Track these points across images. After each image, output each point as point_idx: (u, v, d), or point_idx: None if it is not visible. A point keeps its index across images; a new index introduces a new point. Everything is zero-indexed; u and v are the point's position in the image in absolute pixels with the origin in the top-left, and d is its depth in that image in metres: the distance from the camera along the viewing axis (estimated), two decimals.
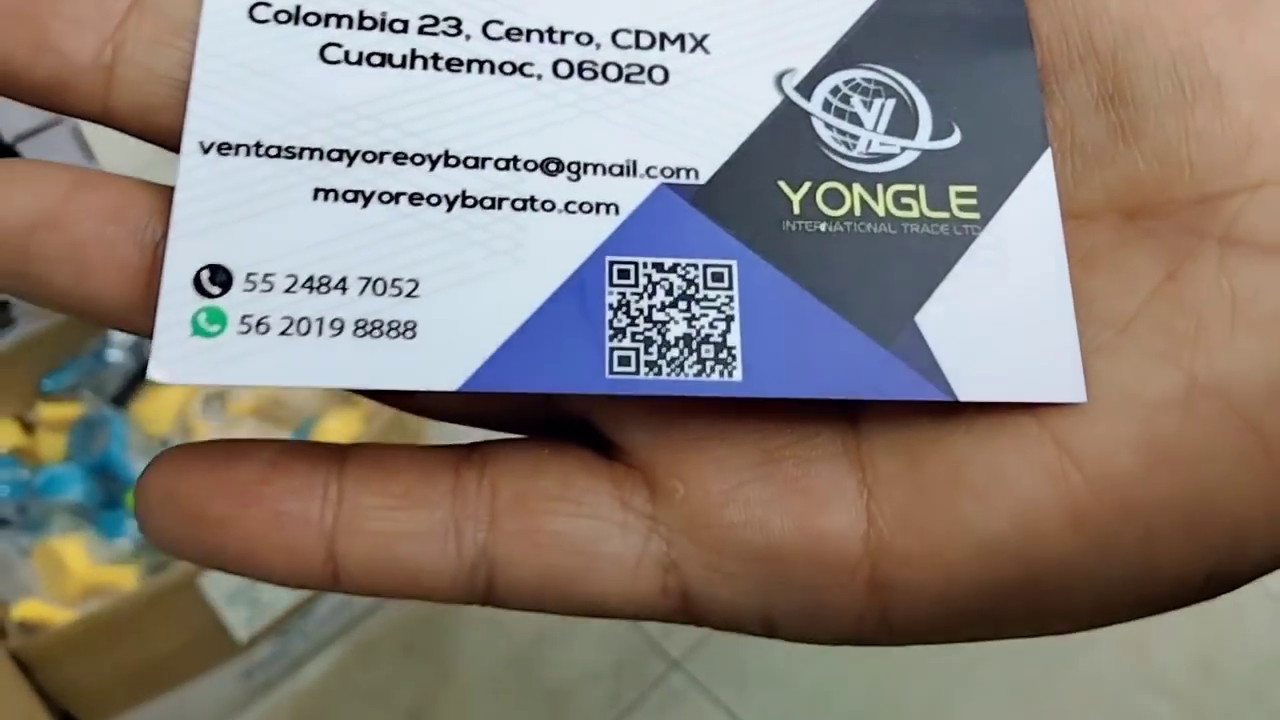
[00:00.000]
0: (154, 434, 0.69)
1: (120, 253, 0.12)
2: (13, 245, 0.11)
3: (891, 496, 0.12)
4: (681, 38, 0.13)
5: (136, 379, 0.70)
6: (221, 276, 0.12)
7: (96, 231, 0.12)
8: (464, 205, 0.12)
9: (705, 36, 0.13)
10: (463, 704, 0.74)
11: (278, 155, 0.12)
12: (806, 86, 0.13)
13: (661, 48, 0.13)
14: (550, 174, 0.13)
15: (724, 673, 0.73)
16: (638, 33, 0.13)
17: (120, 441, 0.68)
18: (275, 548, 0.12)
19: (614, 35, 0.13)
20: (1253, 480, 0.12)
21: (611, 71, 0.13)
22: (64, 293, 0.12)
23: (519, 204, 0.12)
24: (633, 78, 0.13)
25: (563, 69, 0.13)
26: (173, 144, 0.12)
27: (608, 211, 0.13)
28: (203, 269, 0.12)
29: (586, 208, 0.13)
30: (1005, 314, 0.13)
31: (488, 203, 0.12)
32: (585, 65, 0.13)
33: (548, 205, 0.13)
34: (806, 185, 0.13)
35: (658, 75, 0.13)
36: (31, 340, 0.69)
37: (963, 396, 0.12)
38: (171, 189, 0.12)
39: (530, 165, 0.13)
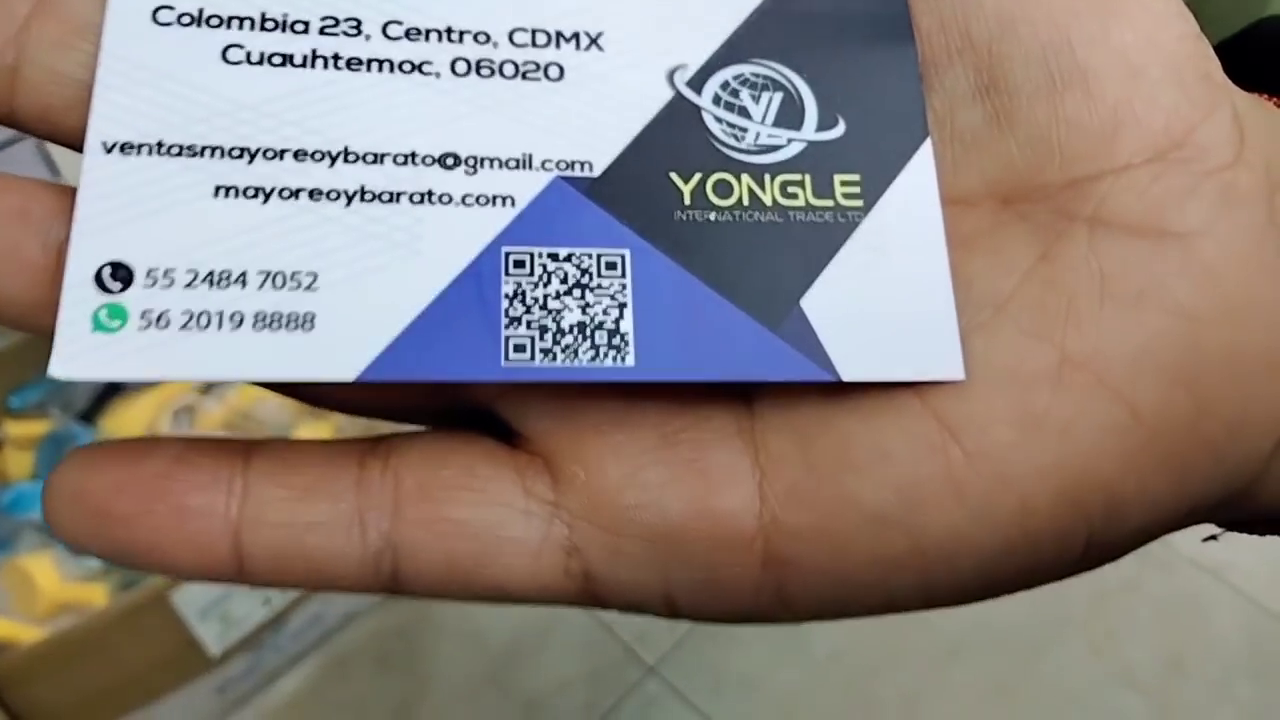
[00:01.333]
0: None
1: (25, 253, 0.12)
2: None
3: (782, 475, 0.13)
4: (577, 35, 0.14)
5: (104, 395, 0.70)
6: (122, 273, 0.12)
7: (0, 233, 0.12)
8: (362, 200, 0.13)
9: (600, 34, 0.14)
10: (439, 716, 0.73)
11: (180, 154, 0.13)
12: (697, 81, 0.14)
13: (557, 45, 0.14)
14: (448, 168, 0.13)
15: (699, 677, 0.73)
16: (534, 31, 0.14)
17: None
18: (180, 541, 0.12)
19: (511, 34, 0.14)
20: (1122, 448, 0.12)
21: (508, 69, 0.14)
22: None
23: (416, 197, 0.13)
24: (529, 75, 0.14)
25: (460, 67, 0.13)
26: (77, 144, 0.13)
27: (504, 204, 0.13)
28: (104, 266, 0.12)
29: (483, 200, 0.13)
30: (887, 297, 0.13)
31: (386, 197, 0.13)
32: (483, 63, 0.14)
33: (445, 198, 0.13)
34: (697, 177, 0.13)
35: (553, 72, 0.14)
36: None
37: (846, 377, 0.13)
38: (73, 189, 0.12)
39: (428, 160, 0.13)
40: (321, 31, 0.13)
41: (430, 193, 0.13)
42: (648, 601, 0.13)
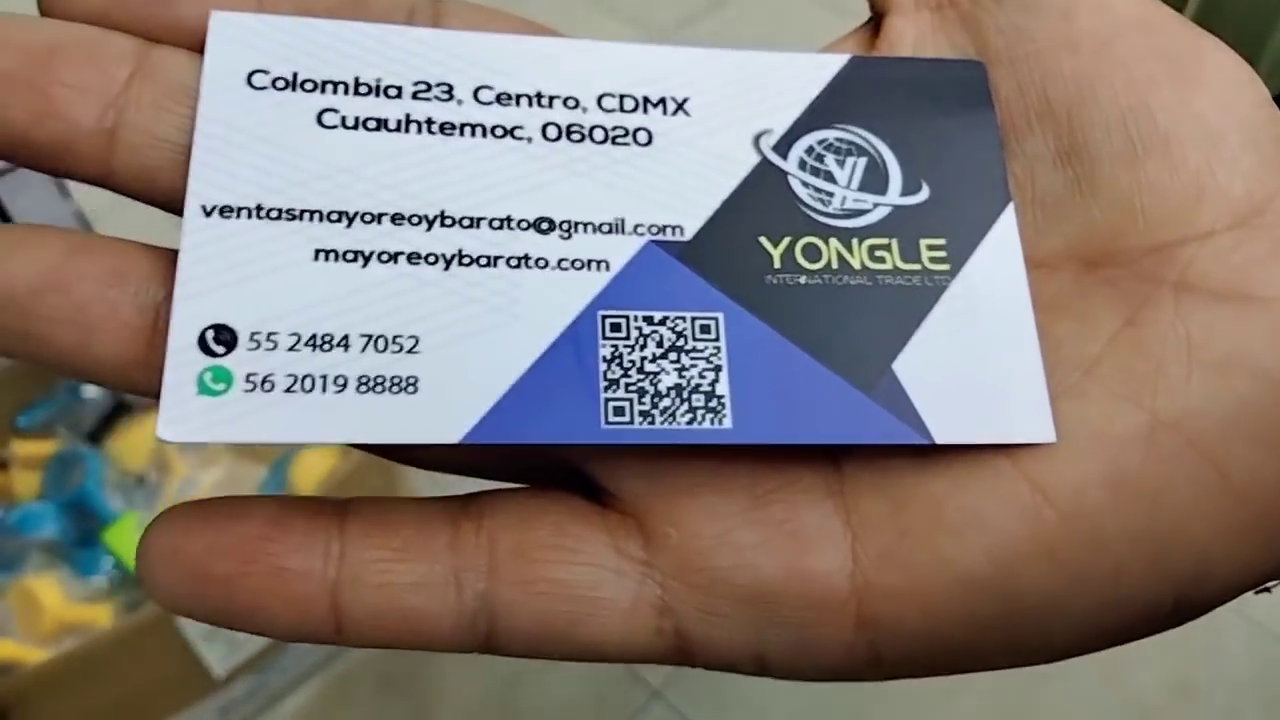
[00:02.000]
0: (130, 470, 0.69)
1: (122, 314, 0.12)
2: (17, 308, 0.12)
3: (875, 537, 0.13)
4: (664, 101, 0.14)
5: (112, 415, 0.70)
6: (226, 336, 0.12)
7: (98, 294, 0.12)
8: (460, 264, 0.13)
9: (686, 100, 0.14)
10: None
11: (278, 217, 0.13)
12: (783, 146, 0.14)
13: (645, 110, 0.14)
14: (542, 233, 0.13)
15: (703, 701, 0.73)
16: (622, 96, 0.14)
17: (96, 478, 0.68)
18: (280, 603, 0.12)
19: (599, 99, 0.14)
20: (1212, 511, 0.13)
21: (598, 134, 0.14)
22: (67, 354, 0.12)
23: (513, 262, 0.13)
24: (618, 139, 0.14)
25: (551, 132, 0.14)
26: (173, 206, 0.13)
27: (598, 268, 0.13)
28: (208, 329, 0.12)
29: (578, 264, 0.13)
30: (977, 360, 0.13)
31: (483, 261, 0.13)
32: (573, 128, 0.14)
33: (541, 263, 0.13)
34: (786, 240, 0.14)
35: (642, 137, 0.14)
36: (5, 377, 0.69)
37: (939, 440, 0.13)
38: (166, 250, 0.13)
39: (523, 224, 0.13)
40: (414, 96, 0.13)
41: (527, 257, 0.13)
42: (739, 660, 0.13)
